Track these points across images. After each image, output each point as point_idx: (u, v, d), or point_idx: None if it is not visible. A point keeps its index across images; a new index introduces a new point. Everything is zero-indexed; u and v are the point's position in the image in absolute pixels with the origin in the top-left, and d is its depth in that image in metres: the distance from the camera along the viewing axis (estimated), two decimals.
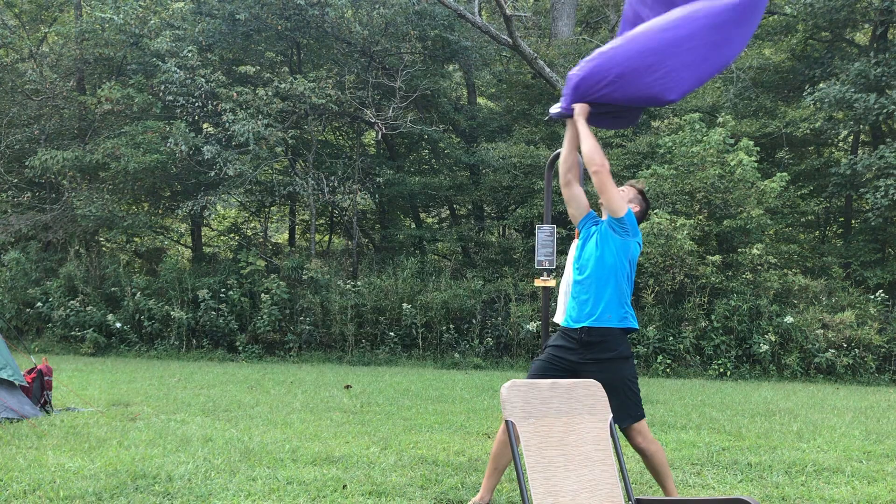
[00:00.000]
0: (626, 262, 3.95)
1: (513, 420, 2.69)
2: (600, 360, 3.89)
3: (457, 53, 16.72)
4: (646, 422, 3.99)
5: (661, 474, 3.98)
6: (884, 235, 15.35)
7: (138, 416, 6.97)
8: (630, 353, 3.99)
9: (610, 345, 3.90)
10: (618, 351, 3.90)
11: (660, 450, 3.99)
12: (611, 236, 3.93)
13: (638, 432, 3.92)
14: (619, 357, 3.91)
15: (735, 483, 4.85)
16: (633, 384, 3.95)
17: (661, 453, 3.99)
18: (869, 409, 8.48)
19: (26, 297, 14.92)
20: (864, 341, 12.04)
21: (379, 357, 13.35)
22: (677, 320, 12.65)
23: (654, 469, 3.99)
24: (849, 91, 13.42)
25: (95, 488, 4.38)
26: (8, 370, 6.62)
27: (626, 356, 3.94)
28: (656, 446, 3.98)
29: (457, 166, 17.66)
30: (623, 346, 3.94)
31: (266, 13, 14.80)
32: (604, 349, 3.90)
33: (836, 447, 6.00)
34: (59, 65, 17.16)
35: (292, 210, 18.59)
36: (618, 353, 3.90)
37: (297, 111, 14.76)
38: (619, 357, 3.91)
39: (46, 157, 14.65)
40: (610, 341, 3.90)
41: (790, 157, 15.88)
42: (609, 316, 3.90)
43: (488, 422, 6.98)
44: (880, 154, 13.36)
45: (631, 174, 14.53)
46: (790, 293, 12.90)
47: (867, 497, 4.50)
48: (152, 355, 13.73)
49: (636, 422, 3.91)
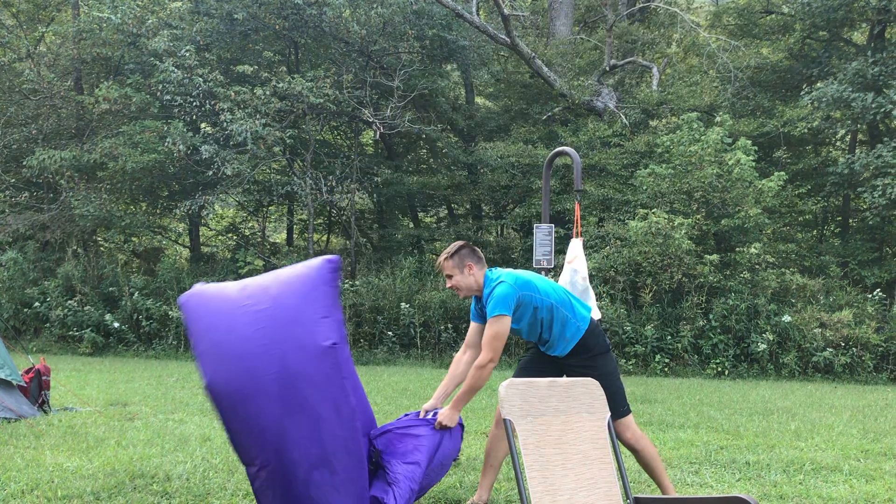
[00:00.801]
0: (538, 311, 3.89)
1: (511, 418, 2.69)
2: (582, 362, 3.94)
3: (455, 53, 16.72)
4: (633, 417, 4.01)
5: (653, 469, 3.98)
6: (881, 234, 15.38)
7: (136, 415, 6.96)
8: (607, 348, 4.02)
9: (586, 346, 3.95)
10: (595, 348, 3.95)
11: (649, 444, 4.00)
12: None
13: (626, 427, 3.93)
14: (598, 353, 3.95)
15: (733, 482, 4.85)
16: (616, 378, 3.97)
17: (651, 448, 4.00)
18: (867, 407, 8.49)
19: (24, 296, 14.90)
20: (862, 340, 12.06)
21: (377, 356, 13.35)
22: (675, 319, 12.65)
23: (646, 464, 4.00)
24: (846, 90, 13.43)
25: (93, 488, 4.37)
26: (6, 370, 6.61)
27: (604, 351, 3.98)
28: (645, 441, 3.99)
29: (455, 166, 17.65)
30: (598, 343, 3.97)
31: (264, 12, 14.79)
32: (582, 351, 3.95)
33: (833, 446, 6.00)
34: (57, 64, 17.14)
35: (290, 210, 18.58)
36: (595, 349, 3.95)
37: (295, 111, 14.75)
38: (598, 353, 3.95)
39: (44, 157, 14.63)
40: (585, 344, 3.94)
41: (788, 157, 15.90)
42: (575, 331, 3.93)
43: (486, 420, 6.98)
44: (878, 153, 13.38)
45: (629, 173, 14.55)
46: (788, 292, 12.91)
47: (865, 495, 4.51)
48: (150, 355, 13.71)
49: (623, 417, 3.93)
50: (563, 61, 16.46)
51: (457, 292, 4.02)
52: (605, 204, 14.64)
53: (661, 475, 3.99)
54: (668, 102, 15.41)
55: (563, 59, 16.49)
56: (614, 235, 13.33)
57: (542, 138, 15.82)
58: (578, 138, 14.85)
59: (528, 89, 17.59)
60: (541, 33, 18.96)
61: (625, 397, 3.98)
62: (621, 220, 13.92)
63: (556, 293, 3.96)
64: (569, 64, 16.49)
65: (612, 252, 13.06)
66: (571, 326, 3.94)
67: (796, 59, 16.54)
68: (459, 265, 3.95)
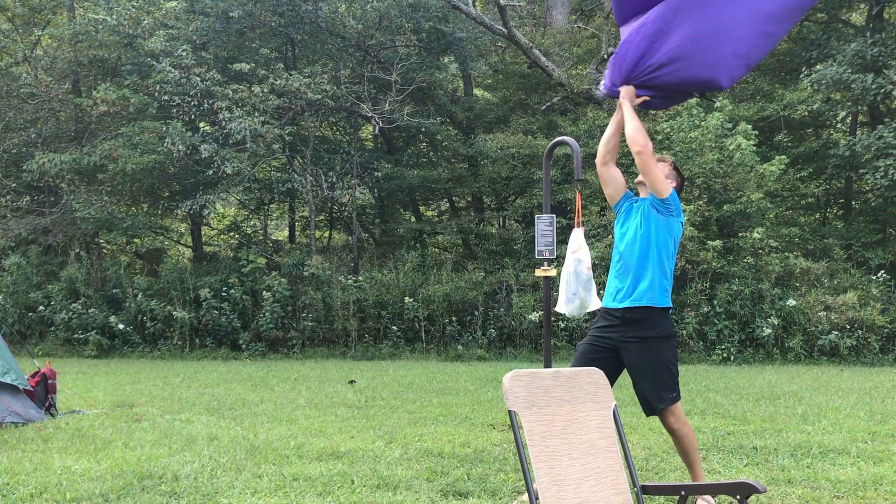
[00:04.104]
0: (671, 240, 3.95)
1: (515, 410, 2.68)
2: (642, 338, 3.89)
3: (452, 45, 16.66)
4: (681, 404, 3.98)
5: (689, 456, 3.97)
6: (884, 216, 15.33)
7: (143, 416, 6.97)
8: (672, 333, 3.98)
9: (652, 323, 3.90)
10: (660, 329, 3.90)
11: (691, 432, 3.98)
12: (654, 216, 3.92)
13: (671, 413, 3.91)
14: (661, 336, 3.90)
15: (741, 467, 4.85)
16: (673, 366, 3.93)
17: (692, 436, 3.98)
18: (873, 389, 8.48)
19: (28, 301, 14.92)
20: (867, 322, 12.04)
21: (382, 351, 13.36)
22: (680, 306, 12.64)
23: (683, 451, 3.99)
24: (846, 72, 13.37)
25: (102, 490, 4.38)
26: (11, 374, 6.62)
27: (668, 335, 3.93)
28: (688, 428, 3.97)
29: (455, 158, 17.62)
30: (665, 325, 3.93)
31: (260, 10, 14.75)
32: (646, 327, 3.90)
33: (840, 429, 6.00)
34: (54, 67, 17.12)
35: (291, 207, 18.57)
36: (659, 331, 3.90)
37: (294, 107, 14.73)
38: (661, 336, 3.90)
39: (44, 161, 14.62)
40: (651, 319, 3.90)
41: (789, 140, 15.85)
42: (651, 295, 3.89)
43: (493, 413, 6.99)
44: (879, 134, 13.32)
45: (629, 161, 14.48)
46: (792, 276, 12.89)
47: (873, 477, 4.50)
48: (156, 356, 13.74)
49: (673, 404, 3.90)
50: (561, 50, 16.38)
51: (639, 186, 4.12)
52: None
53: (694, 463, 3.98)
54: None
55: (561, 49, 16.42)
56: None
57: (542, 128, 15.78)
58: (578, 127, 14.81)
59: (526, 80, 17.53)
60: (538, 23, 18.88)
61: (677, 384, 3.93)
62: None
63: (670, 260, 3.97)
64: (567, 53, 16.42)
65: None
66: (662, 283, 3.91)
67: (795, 42, 16.46)
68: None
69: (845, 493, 4.24)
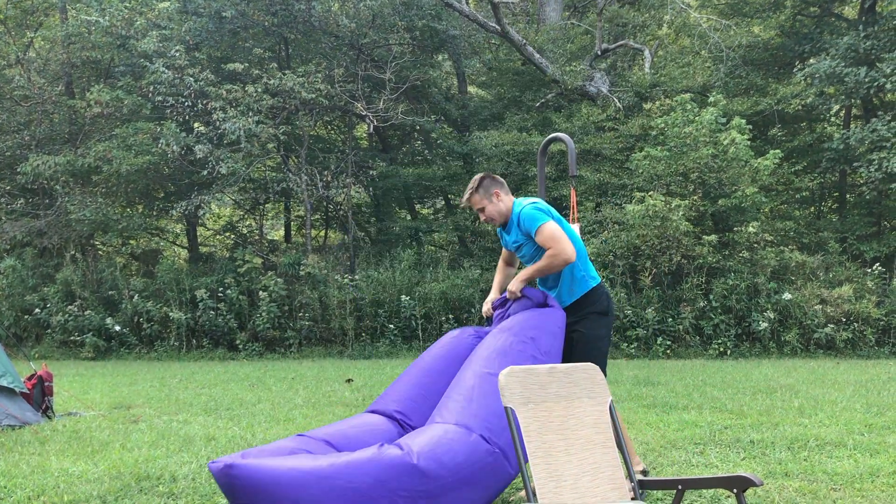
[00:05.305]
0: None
1: (512, 406, 2.68)
2: (584, 314, 4.00)
3: (445, 43, 16.66)
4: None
5: None
6: (879, 209, 15.37)
7: (140, 417, 6.96)
8: (606, 310, 4.04)
9: (585, 301, 4.01)
10: (593, 306, 4.01)
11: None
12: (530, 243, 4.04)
13: None
14: (595, 311, 4.00)
15: (738, 461, 4.86)
16: (603, 344, 4.00)
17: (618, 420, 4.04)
18: (869, 382, 8.51)
19: (24, 303, 14.89)
20: (863, 315, 12.07)
21: (379, 350, 13.36)
22: (676, 301, 12.66)
23: None
24: (839, 65, 13.40)
25: (100, 491, 4.37)
26: (8, 377, 6.60)
27: (602, 311, 4.02)
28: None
29: (450, 156, 17.62)
30: (598, 301, 4.02)
31: (252, 9, 14.72)
32: (585, 305, 4.02)
33: (837, 421, 6.01)
34: (47, 69, 17.08)
35: (287, 206, 18.55)
36: (593, 308, 4.00)
37: (288, 107, 14.71)
38: (595, 311, 4.00)
39: (38, 163, 14.59)
40: (583, 300, 4.02)
41: (783, 134, 15.88)
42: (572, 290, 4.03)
43: None
44: (872, 127, 13.36)
45: (624, 157, 14.52)
46: (787, 270, 12.92)
47: (870, 469, 4.52)
48: (152, 357, 13.72)
49: None
50: (555, 47, 16.39)
51: (492, 223, 4.12)
52: (602, 189, 14.63)
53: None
54: (661, 84, 15.36)
55: (555, 45, 16.43)
56: (612, 220, 13.33)
57: (537, 125, 15.78)
58: (572, 124, 14.82)
59: (520, 76, 17.54)
60: (531, 20, 18.89)
61: (604, 367, 3.99)
62: (618, 204, 13.90)
63: (576, 241, 4.00)
64: (560, 49, 16.43)
65: (611, 236, 13.05)
66: (580, 272, 3.98)
67: (788, 36, 16.48)
68: (487, 195, 4.03)
69: (842, 485, 4.25)
